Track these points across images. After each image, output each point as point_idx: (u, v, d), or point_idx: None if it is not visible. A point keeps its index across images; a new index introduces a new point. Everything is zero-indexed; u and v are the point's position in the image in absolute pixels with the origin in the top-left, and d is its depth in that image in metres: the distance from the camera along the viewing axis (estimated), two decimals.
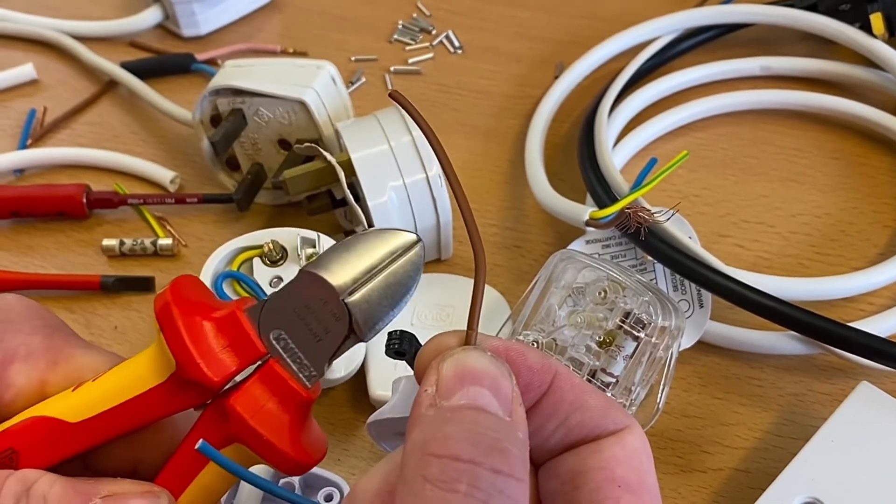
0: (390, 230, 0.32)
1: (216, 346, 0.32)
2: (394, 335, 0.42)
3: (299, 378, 0.33)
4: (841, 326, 0.47)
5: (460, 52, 0.77)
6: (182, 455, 0.34)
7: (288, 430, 0.33)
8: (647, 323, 0.44)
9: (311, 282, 0.32)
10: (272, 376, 0.32)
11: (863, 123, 0.64)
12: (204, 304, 0.33)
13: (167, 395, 0.33)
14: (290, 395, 0.33)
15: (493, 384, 0.28)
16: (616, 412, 0.31)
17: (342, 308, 0.32)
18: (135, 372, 0.33)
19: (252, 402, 0.32)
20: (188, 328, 0.32)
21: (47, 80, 0.78)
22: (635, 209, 0.47)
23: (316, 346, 0.33)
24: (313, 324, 0.32)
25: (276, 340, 0.32)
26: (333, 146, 0.58)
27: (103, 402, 0.33)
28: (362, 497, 0.30)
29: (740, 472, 0.48)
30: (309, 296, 0.32)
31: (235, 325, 0.32)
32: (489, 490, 0.26)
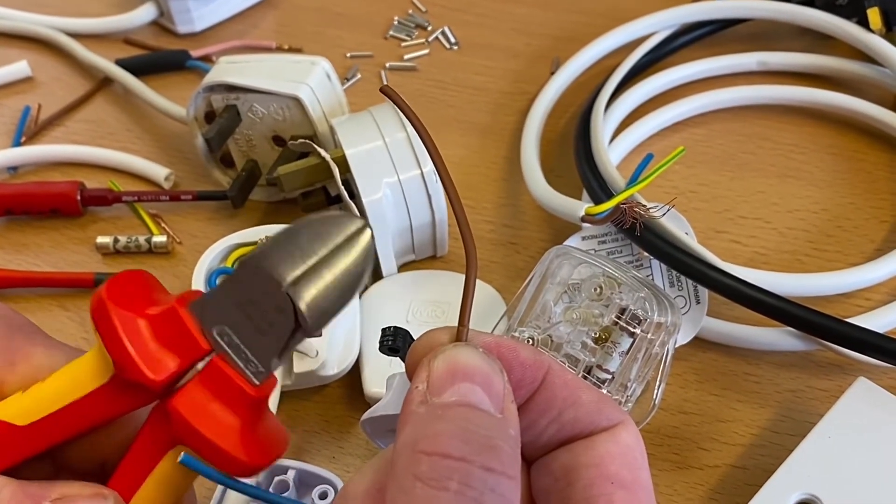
0: (336, 215, 0.30)
1: (155, 345, 0.30)
2: (387, 331, 0.42)
3: (246, 375, 0.31)
4: (838, 322, 0.46)
5: (456, 49, 0.76)
6: (134, 455, 0.32)
7: (236, 430, 0.31)
8: (642, 319, 0.44)
9: (253, 274, 0.30)
10: (216, 375, 0.31)
11: (860, 119, 0.64)
12: (142, 299, 0.31)
13: (111, 396, 0.31)
14: (236, 393, 0.31)
15: (485, 381, 0.28)
16: (609, 408, 0.31)
17: (286, 300, 0.30)
18: (78, 373, 0.32)
19: (195, 402, 0.30)
20: (124, 326, 0.30)
21: (42, 77, 0.78)
22: (631, 205, 0.47)
23: (262, 340, 0.31)
24: (258, 318, 0.30)
25: (219, 336, 0.31)
26: (328, 142, 0.58)
27: (49, 405, 0.31)
28: (353, 496, 0.29)
29: (737, 468, 0.47)
30: (251, 289, 0.30)
31: (176, 321, 0.30)
32: (480, 488, 0.25)
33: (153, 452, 0.32)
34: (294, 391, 0.51)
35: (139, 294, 0.31)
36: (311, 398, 0.52)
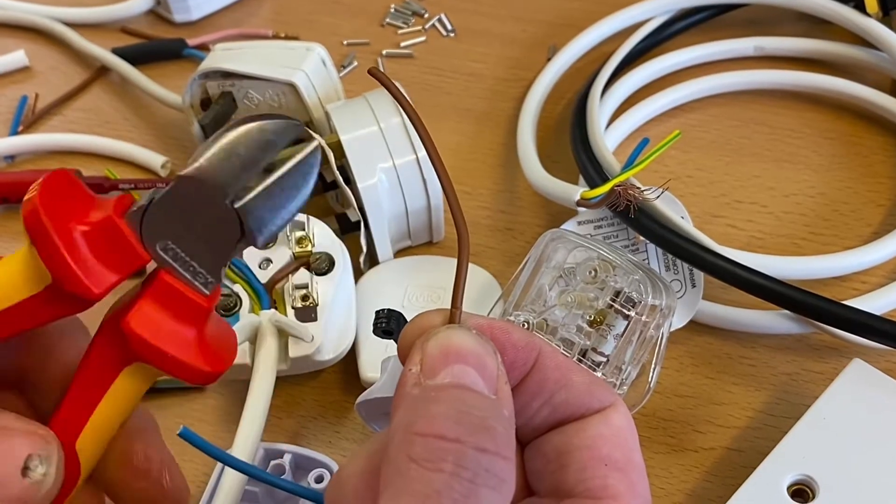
0: (272, 118, 0.29)
1: (94, 256, 0.29)
2: (381, 314, 0.42)
3: (195, 286, 0.31)
4: (834, 304, 0.46)
5: (453, 36, 0.76)
6: (85, 376, 0.32)
7: (193, 341, 0.31)
8: (637, 301, 0.44)
9: (193, 187, 0.29)
10: (166, 289, 0.30)
11: (857, 103, 0.64)
12: (76, 206, 0.30)
13: (43, 306, 0.30)
14: (188, 305, 0.31)
15: (478, 362, 0.28)
16: (601, 390, 0.31)
17: (230, 213, 0.30)
18: (5, 279, 0.30)
19: (149, 319, 0.30)
20: (62, 239, 0.29)
21: (39, 66, 0.78)
22: (625, 187, 0.47)
23: (208, 252, 0.30)
24: (201, 230, 0.30)
25: (163, 251, 0.30)
26: (323, 128, 0.58)
27: None
28: (347, 479, 0.29)
29: (732, 451, 0.48)
30: (192, 202, 0.30)
31: (114, 232, 0.30)
32: (475, 469, 0.25)
33: (106, 372, 0.31)
34: (290, 377, 0.51)
35: (71, 200, 0.30)
36: (307, 383, 0.53)
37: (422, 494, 0.25)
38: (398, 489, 0.25)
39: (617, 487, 0.29)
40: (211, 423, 0.51)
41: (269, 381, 0.46)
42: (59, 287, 0.29)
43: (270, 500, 0.46)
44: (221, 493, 0.43)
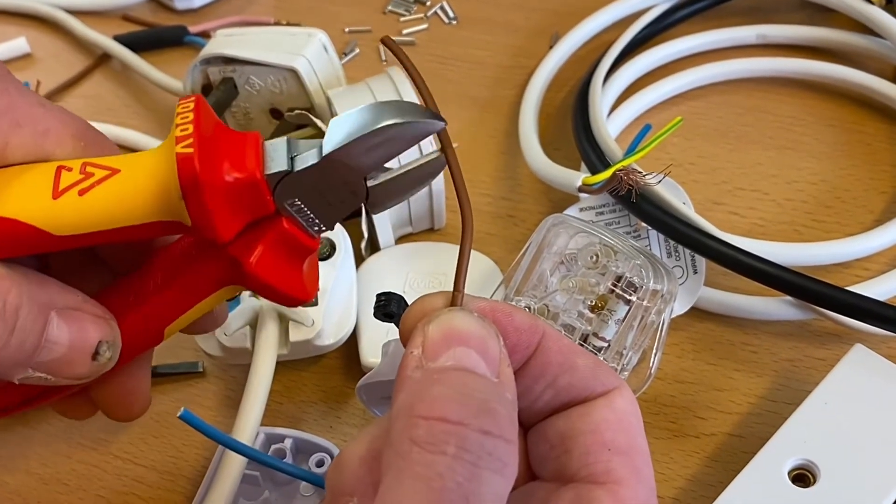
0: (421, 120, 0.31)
1: (230, 205, 0.31)
2: (382, 297, 0.42)
3: (309, 232, 0.33)
4: (836, 289, 0.46)
5: (455, 23, 0.76)
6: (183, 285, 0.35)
7: (295, 276, 0.34)
8: (638, 286, 0.44)
9: (338, 165, 0.31)
10: (284, 235, 0.33)
11: (859, 91, 0.64)
12: (220, 147, 0.31)
13: (163, 229, 0.32)
14: (298, 248, 0.33)
15: (480, 345, 0.28)
16: (605, 373, 0.31)
17: (363, 188, 0.32)
18: (135, 199, 0.31)
19: (267, 261, 0.33)
20: (211, 196, 0.31)
21: (40, 53, 0.78)
22: (627, 172, 0.47)
23: (328, 210, 0.33)
24: (328, 195, 0.32)
25: (290, 206, 0.32)
26: (325, 114, 0.58)
27: (95, 223, 0.32)
28: (349, 463, 0.29)
29: (734, 437, 0.47)
30: (331, 175, 0.32)
31: (254, 189, 0.31)
32: (478, 451, 0.25)
33: (207, 286, 0.34)
34: (292, 362, 0.51)
35: (213, 138, 0.32)
36: (308, 369, 0.53)
37: (424, 477, 0.25)
38: (400, 471, 0.25)
39: (620, 472, 0.29)
40: (211, 407, 0.51)
41: (270, 365, 0.46)
42: (197, 232, 0.32)
43: (271, 483, 0.46)
44: (221, 476, 0.43)
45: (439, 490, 0.25)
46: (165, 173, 0.31)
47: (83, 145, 0.34)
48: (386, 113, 0.30)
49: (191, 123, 0.31)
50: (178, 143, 0.30)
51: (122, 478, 0.49)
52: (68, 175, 0.32)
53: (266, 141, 0.32)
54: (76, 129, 0.34)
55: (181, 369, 0.53)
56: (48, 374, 0.33)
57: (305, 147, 0.32)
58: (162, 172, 0.31)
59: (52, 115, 0.34)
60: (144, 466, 0.49)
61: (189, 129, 0.31)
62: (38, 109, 0.33)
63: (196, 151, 0.30)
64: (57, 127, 0.34)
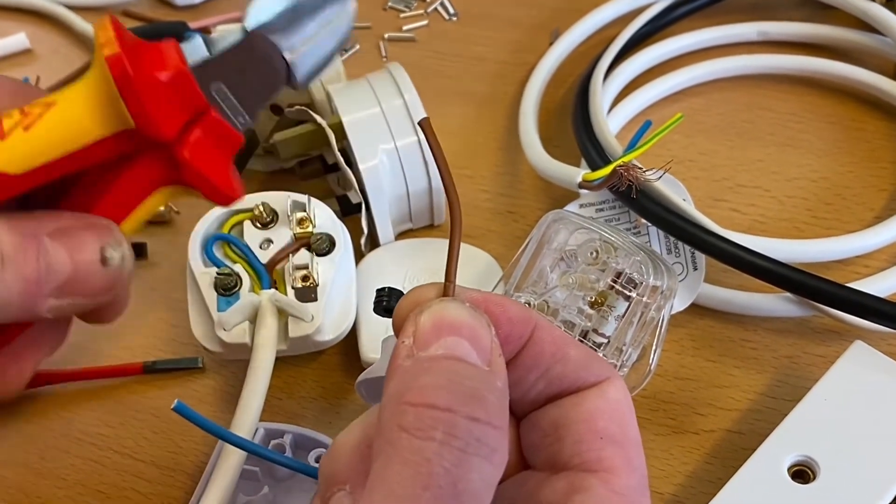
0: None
1: (167, 102, 0.33)
2: (382, 292, 0.42)
3: (235, 124, 0.35)
4: (837, 286, 0.46)
5: (455, 19, 0.76)
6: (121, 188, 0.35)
7: (227, 171, 0.36)
8: (638, 282, 0.44)
9: (260, 42, 0.34)
10: (214, 125, 0.34)
11: (860, 88, 0.64)
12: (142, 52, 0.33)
13: (112, 145, 0.33)
14: (228, 140, 0.35)
15: (472, 334, 0.28)
16: (597, 364, 0.31)
17: (282, 61, 0.34)
18: (77, 122, 0.33)
19: (200, 151, 0.34)
20: (146, 90, 0.32)
21: (40, 49, 0.78)
22: (627, 168, 0.47)
23: (250, 94, 0.35)
24: (251, 75, 0.34)
25: (216, 93, 0.34)
26: (325, 110, 0.58)
27: (47, 152, 0.33)
28: (341, 450, 0.29)
29: (733, 433, 0.47)
30: (250, 55, 0.34)
31: (184, 81, 0.33)
32: (466, 438, 0.25)
33: (143, 187, 0.35)
34: (291, 358, 0.51)
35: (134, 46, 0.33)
36: (307, 365, 0.53)
37: (412, 463, 0.25)
38: (389, 457, 0.25)
39: (612, 460, 0.29)
40: (210, 403, 0.51)
41: (269, 360, 0.46)
42: (141, 133, 0.33)
43: (270, 479, 0.46)
44: (221, 471, 0.43)
45: (427, 475, 0.25)
46: (100, 86, 0.33)
47: (18, 99, 0.35)
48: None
49: (112, 33, 0.33)
50: (104, 48, 0.32)
51: (122, 473, 0.49)
52: (9, 119, 0.33)
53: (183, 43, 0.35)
54: (10, 87, 0.36)
55: (180, 365, 0.53)
56: (71, 297, 0.34)
57: (221, 38, 0.35)
58: (96, 86, 0.33)
59: None
60: (144, 462, 0.49)
61: (111, 35, 0.33)
62: None
63: (122, 51, 0.32)
64: None
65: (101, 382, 0.53)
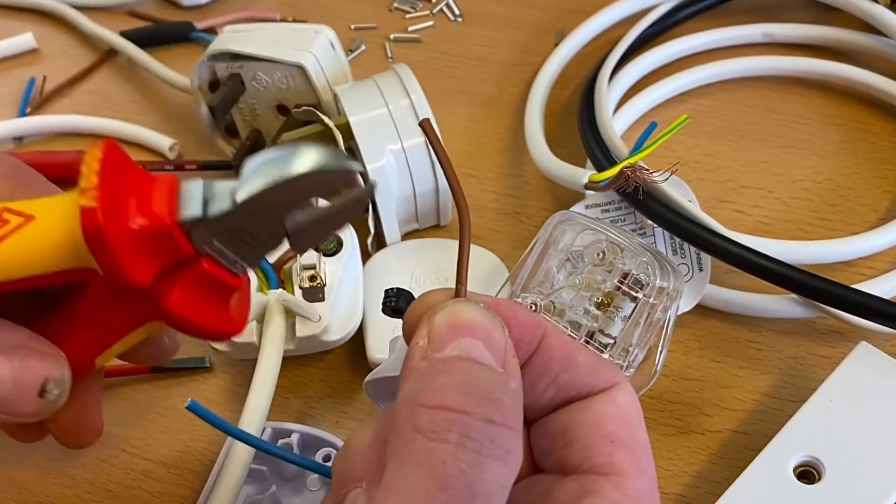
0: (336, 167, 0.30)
1: (143, 251, 0.31)
2: (390, 293, 0.42)
3: (230, 270, 0.32)
4: (842, 287, 0.46)
5: (460, 20, 0.76)
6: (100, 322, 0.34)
7: (219, 312, 0.33)
8: (645, 283, 0.44)
9: (253, 210, 0.31)
10: (204, 274, 0.32)
11: (864, 90, 0.64)
12: (129, 191, 0.31)
13: (80, 275, 0.32)
14: (221, 286, 0.33)
15: (486, 336, 0.28)
16: (606, 369, 0.31)
17: (282, 230, 0.32)
18: (48, 249, 0.31)
19: (188, 301, 0.32)
20: (118, 244, 0.30)
21: (47, 49, 0.78)
22: (634, 169, 0.47)
23: (248, 250, 0.32)
24: (247, 238, 0.32)
25: (209, 248, 0.32)
26: (332, 111, 0.58)
27: (11, 272, 0.31)
28: (357, 449, 0.30)
29: (739, 433, 0.48)
30: (250, 220, 0.31)
31: (167, 235, 0.31)
32: (481, 440, 0.26)
33: (127, 323, 0.34)
34: (298, 357, 0.52)
35: (123, 184, 0.31)
36: (314, 364, 0.53)
37: (427, 465, 0.25)
38: (403, 459, 0.26)
39: (622, 464, 0.29)
40: (218, 402, 0.52)
41: (276, 360, 0.46)
42: (109, 279, 0.31)
43: (278, 478, 0.46)
44: (228, 470, 0.43)
45: (442, 477, 0.25)
46: (73, 223, 0.30)
47: (13, 186, 0.35)
48: (301, 158, 0.30)
49: (96, 174, 0.30)
50: (83, 196, 0.30)
51: (130, 472, 0.49)
52: None
53: (182, 182, 0.32)
54: (8, 167, 0.35)
55: (188, 364, 0.53)
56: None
57: (221, 191, 0.31)
58: (70, 222, 0.31)
59: None
60: (152, 461, 0.50)
61: (94, 179, 0.30)
62: None
63: (100, 204, 0.30)
64: None
65: (109, 381, 0.53)
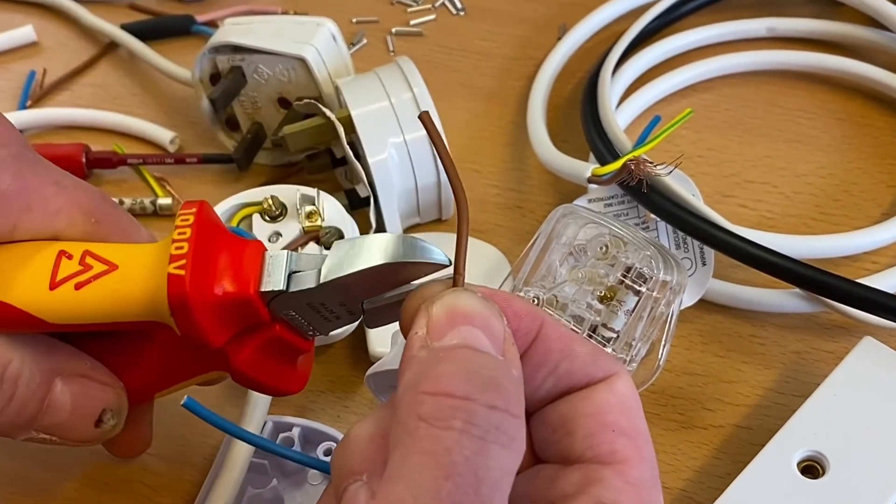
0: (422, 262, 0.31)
1: (224, 323, 0.32)
2: None
3: (302, 335, 0.34)
4: (845, 281, 0.46)
5: (462, 14, 0.76)
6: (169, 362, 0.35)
7: (288, 373, 0.34)
8: (648, 277, 0.44)
9: (337, 293, 0.32)
10: (276, 339, 0.33)
11: (868, 84, 0.64)
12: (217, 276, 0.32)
13: (156, 326, 0.32)
14: (291, 350, 0.34)
15: (485, 324, 0.28)
16: (604, 359, 0.31)
17: (359, 310, 0.32)
18: (128, 302, 0.32)
19: (256, 362, 0.33)
20: (200, 312, 0.31)
21: (47, 42, 0.77)
22: (638, 162, 0.46)
23: (323, 322, 0.33)
24: (325, 312, 0.33)
25: (284, 315, 0.32)
26: (333, 104, 0.58)
27: (87, 317, 0.32)
28: (357, 442, 0.29)
29: (742, 428, 0.47)
30: (330, 299, 0.32)
31: (248, 306, 0.32)
32: (485, 426, 0.25)
33: (194, 369, 0.35)
34: None
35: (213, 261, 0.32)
36: (316, 358, 0.52)
37: (431, 453, 0.25)
38: (407, 448, 0.25)
39: (624, 452, 0.29)
40: (219, 396, 0.51)
41: None
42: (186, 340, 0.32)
43: (279, 472, 0.46)
44: (229, 464, 0.43)
45: (447, 465, 0.25)
46: (158, 283, 0.31)
47: (94, 221, 0.35)
48: (389, 249, 0.30)
49: (186, 241, 0.31)
50: (172, 263, 0.31)
51: (129, 466, 0.49)
52: (68, 264, 0.32)
53: (267, 253, 0.32)
54: (89, 206, 0.35)
55: None
56: (52, 435, 0.35)
57: (306, 264, 0.32)
58: (154, 280, 0.31)
59: (64, 195, 0.35)
60: (151, 454, 0.49)
61: (184, 247, 0.31)
62: (51, 189, 0.34)
63: (189, 274, 0.30)
64: (68, 206, 0.35)
65: None
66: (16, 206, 0.33)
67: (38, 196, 0.34)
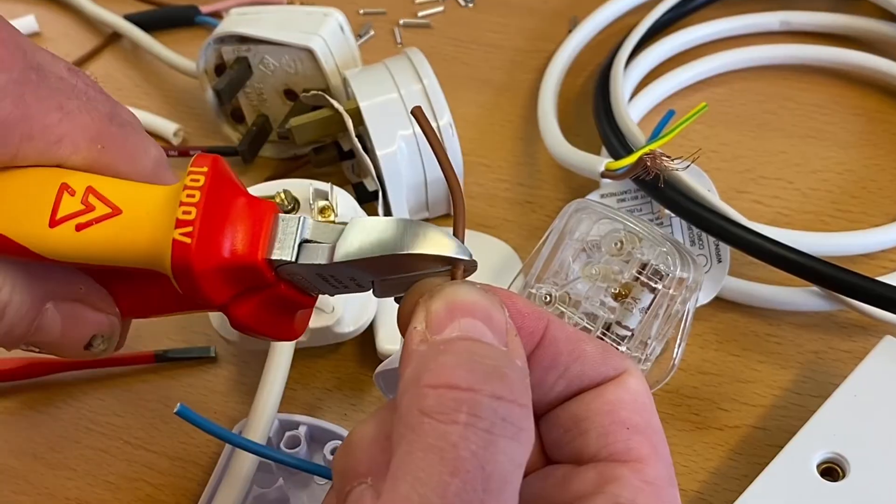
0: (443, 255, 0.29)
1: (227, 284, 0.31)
2: None
3: (307, 293, 0.33)
4: (865, 279, 0.45)
5: (471, 6, 0.75)
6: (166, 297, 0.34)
7: (286, 324, 0.34)
8: (664, 274, 0.43)
9: (347, 271, 0.30)
10: (279, 296, 0.32)
11: (885, 79, 0.62)
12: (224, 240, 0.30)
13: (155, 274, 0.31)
14: (293, 305, 0.33)
15: (485, 315, 0.27)
16: (614, 357, 0.30)
17: (368, 284, 0.31)
18: (129, 249, 0.31)
19: (256, 315, 0.32)
20: (204, 279, 0.30)
21: (49, 32, 0.77)
22: (653, 156, 0.45)
23: (330, 288, 0.32)
24: (333, 282, 0.31)
25: (289, 277, 0.31)
26: (341, 96, 0.57)
27: (85, 258, 0.31)
28: (358, 445, 0.28)
29: (758, 429, 0.46)
30: (339, 273, 0.31)
31: (254, 270, 0.30)
32: (491, 418, 0.24)
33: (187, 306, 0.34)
34: (308, 349, 0.50)
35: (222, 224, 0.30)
36: (325, 356, 0.52)
37: (436, 449, 0.24)
38: (411, 444, 0.24)
39: (640, 450, 0.28)
40: (223, 393, 0.50)
41: (288, 352, 0.45)
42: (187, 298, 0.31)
43: (285, 471, 0.45)
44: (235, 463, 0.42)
45: (453, 460, 0.23)
46: (163, 240, 0.30)
47: (100, 148, 0.33)
48: (408, 239, 0.29)
49: (195, 206, 0.30)
50: (178, 228, 0.29)
51: (132, 464, 0.48)
52: (70, 201, 0.31)
53: (279, 217, 0.31)
54: (94, 131, 0.33)
55: (192, 354, 0.52)
56: (39, 348, 0.35)
57: (320, 235, 0.31)
58: (160, 235, 0.30)
59: (68, 121, 0.33)
60: (155, 452, 0.49)
61: (192, 212, 0.30)
62: (54, 116, 0.32)
63: (194, 242, 0.29)
64: (72, 133, 0.33)
65: (112, 371, 0.52)
66: (16, 134, 0.32)
67: (40, 123, 0.32)
